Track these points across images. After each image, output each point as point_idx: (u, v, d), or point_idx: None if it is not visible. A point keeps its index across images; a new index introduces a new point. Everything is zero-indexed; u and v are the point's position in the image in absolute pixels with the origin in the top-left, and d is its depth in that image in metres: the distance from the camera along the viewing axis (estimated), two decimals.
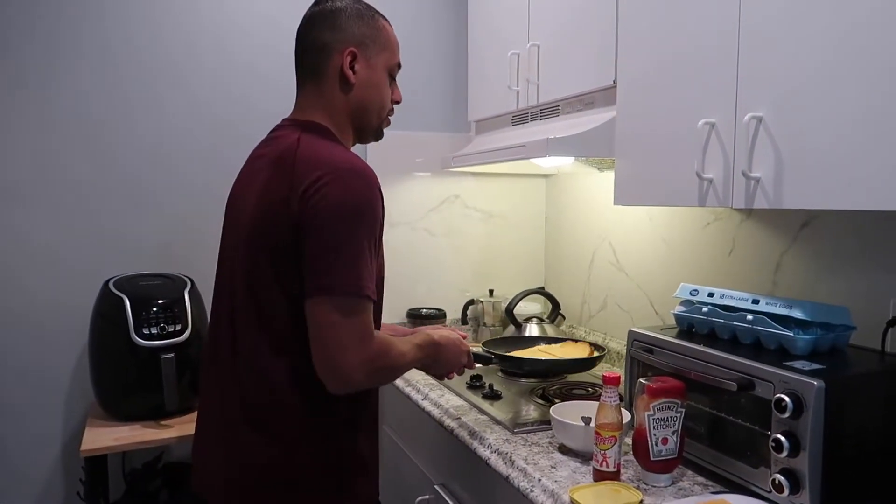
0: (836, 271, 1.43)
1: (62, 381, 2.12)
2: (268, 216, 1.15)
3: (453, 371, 1.44)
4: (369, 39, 1.28)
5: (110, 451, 1.78)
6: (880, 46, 0.96)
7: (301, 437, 1.18)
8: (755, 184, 1.17)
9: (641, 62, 1.47)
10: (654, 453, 1.24)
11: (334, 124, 1.27)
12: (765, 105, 1.15)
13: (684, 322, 1.45)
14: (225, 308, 1.24)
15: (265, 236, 1.15)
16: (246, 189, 1.25)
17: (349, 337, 1.11)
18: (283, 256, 1.13)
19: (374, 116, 1.32)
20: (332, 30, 1.25)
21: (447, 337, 1.40)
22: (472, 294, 2.52)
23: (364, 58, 1.27)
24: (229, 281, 1.24)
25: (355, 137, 1.34)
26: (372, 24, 1.29)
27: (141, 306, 1.87)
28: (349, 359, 1.11)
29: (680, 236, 1.89)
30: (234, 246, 1.24)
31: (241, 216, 1.22)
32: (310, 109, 1.28)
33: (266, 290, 1.16)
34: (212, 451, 1.24)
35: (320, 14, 1.27)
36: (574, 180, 2.42)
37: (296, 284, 1.13)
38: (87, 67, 2.08)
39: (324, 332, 1.11)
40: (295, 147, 1.18)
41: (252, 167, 1.28)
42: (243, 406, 1.18)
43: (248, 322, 1.18)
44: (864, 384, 1.15)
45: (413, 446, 1.99)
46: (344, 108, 1.28)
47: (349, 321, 1.11)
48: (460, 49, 2.48)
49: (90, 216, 2.11)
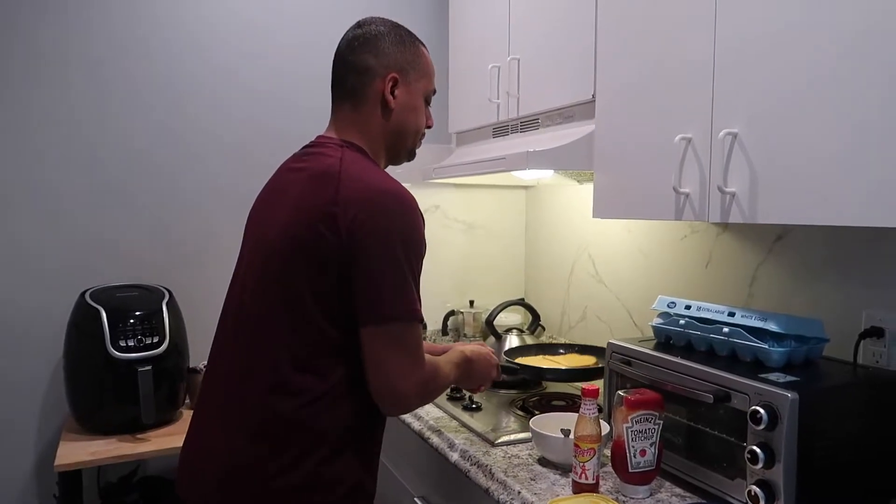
0: (809, 284, 1.46)
1: (36, 394, 2.09)
2: (310, 231, 1.13)
3: (484, 384, 1.50)
4: (410, 66, 1.29)
5: (85, 465, 1.75)
6: (852, 67, 0.99)
7: (306, 455, 1.15)
8: (730, 198, 1.19)
9: (620, 77, 1.49)
10: (633, 465, 1.25)
11: (369, 146, 1.28)
12: (739, 121, 1.18)
13: (662, 334, 1.46)
14: (246, 316, 1.22)
15: (305, 251, 1.14)
16: (277, 201, 1.23)
17: (406, 364, 1.15)
18: (323, 274, 1.13)
19: (409, 140, 1.34)
20: (375, 54, 1.27)
21: (478, 352, 1.45)
22: (452, 305, 2.52)
23: (405, 83, 1.28)
24: (254, 292, 1.21)
25: (388, 160, 1.35)
26: (413, 51, 1.31)
27: (118, 318, 1.85)
28: (406, 384, 1.15)
29: (658, 249, 1.91)
30: (262, 258, 1.21)
31: (270, 229, 1.20)
32: (347, 130, 1.28)
33: (299, 304, 1.14)
34: (207, 458, 1.21)
35: (363, 37, 1.28)
36: (554, 192, 2.44)
37: (332, 304, 1.14)
38: (67, 73, 2.06)
39: (381, 360, 1.14)
40: (338, 166, 1.17)
41: (285, 179, 1.27)
42: (251, 417, 1.16)
43: (278, 335, 1.16)
44: (837, 396, 1.17)
45: (393, 458, 1.98)
46: (381, 132, 1.29)
47: (405, 348, 1.15)
48: (441, 61, 2.49)
49: (67, 225, 2.09)
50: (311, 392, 1.15)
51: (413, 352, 1.16)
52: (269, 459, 1.14)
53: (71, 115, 2.08)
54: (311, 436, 1.15)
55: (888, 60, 0.94)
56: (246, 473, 1.15)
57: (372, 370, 1.15)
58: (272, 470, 1.14)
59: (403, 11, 2.48)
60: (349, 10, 2.38)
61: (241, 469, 1.15)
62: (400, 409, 1.21)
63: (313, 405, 1.15)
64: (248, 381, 1.17)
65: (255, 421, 1.16)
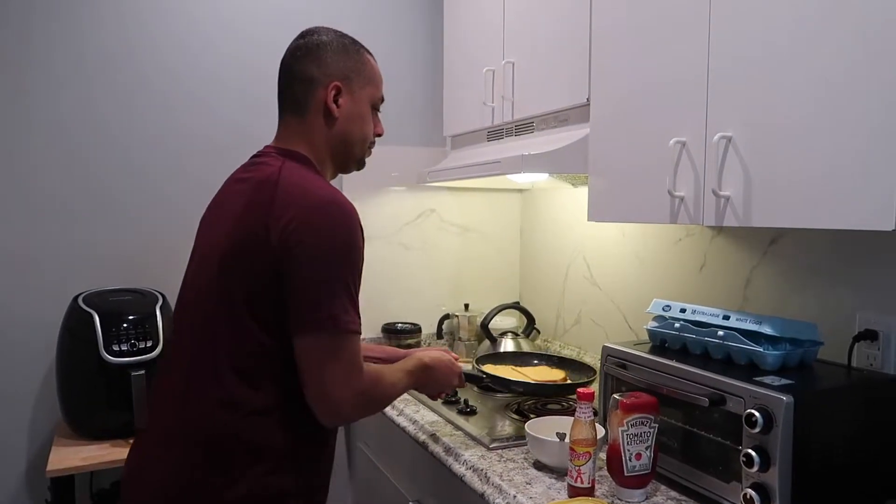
0: (803, 287, 1.47)
1: (28, 399, 2.07)
2: (246, 244, 1.14)
3: (445, 391, 1.49)
4: (354, 73, 1.29)
5: (78, 471, 1.74)
6: (846, 72, 0.99)
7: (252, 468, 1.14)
8: (725, 202, 1.20)
9: (614, 81, 1.49)
10: (628, 468, 1.24)
11: (315, 156, 1.28)
12: (734, 125, 1.18)
13: (657, 337, 1.46)
14: (191, 331, 1.21)
15: (241, 264, 1.14)
16: (222, 212, 1.23)
17: (339, 373, 1.13)
18: (259, 287, 1.13)
19: (356, 149, 1.33)
20: (317, 64, 1.26)
21: (438, 359, 1.44)
22: (447, 308, 2.52)
23: (348, 91, 1.28)
24: (195, 304, 1.21)
25: (336, 169, 1.35)
26: (357, 59, 1.30)
27: (111, 322, 1.84)
28: (340, 393, 1.13)
29: (652, 252, 1.91)
30: (206, 269, 1.21)
31: (216, 240, 1.21)
32: (292, 139, 1.28)
33: (238, 316, 1.14)
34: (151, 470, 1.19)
35: (305, 47, 1.28)
36: (549, 195, 2.44)
37: (270, 316, 1.13)
38: (59, 77, 2.05)
39: (314, 369, 1.13)
40: (277, 175, 1.17)
41: (231, 190, 1.26)
42: (196, 430, 1.15)
43: (221, 349, 1.15)
44: (831, 399, 1.17)
45: (388, 462, 1.97)
46: (326, 141, 1.28)
47: (338, 357, 1.13)
48: (436, 64, 2.50)
49: (59, 229, 2.07)
50: (254, 404, 1.14)
51: (347, 361, 1.14)
52: (214, 473, 1.13)
53: (60, 119, 2.06)
54: (256, 448, 1.14)
55: (884, 66, 0.94)
56: (191, 487, 1.13)
57: (306, 379, 1.13)
58: (218, 483, 1.12)
59: (397, 16, 2.48)
60: (341, 15, 2.38)
61: (186, 483, 1.13)
62: (337, 419, 1.18)
63: (258, 417, 1.14)
64: (193, 394, 1.16)
65: (201, 433, 1.14)
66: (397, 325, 2.42)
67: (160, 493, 1.16)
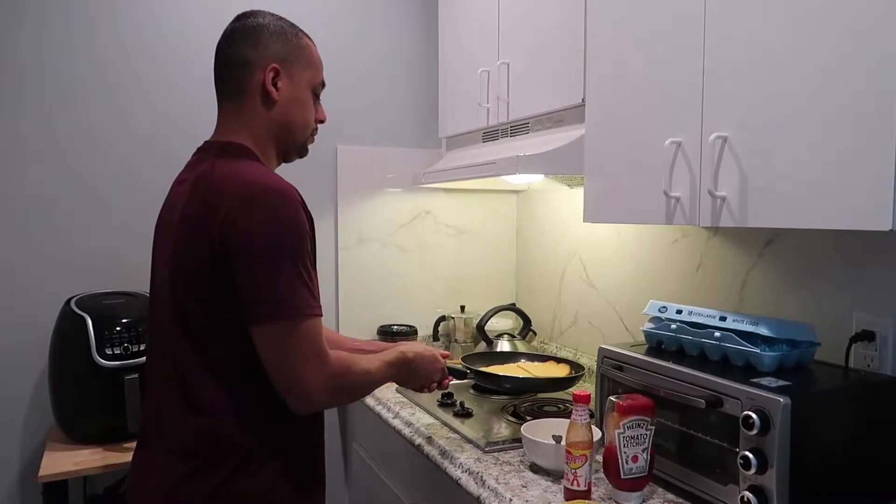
0: (800, 287, 1.46)
1: (20, 404, 2.05)
2: (188, 244, 1.12)
3: (425, 387, 1.45)
4: (293, 56, 1.26)
5: (70, 475, 1.72)
6: (842, 72, 0.99)
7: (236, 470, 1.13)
8: (721, 202, 1.19)
9: (609, 81, 1.49)
10: (625, 471, 1.24)
11: (256, 144, 1.24)
12: (730, 125, 1.17)
13: (653, 339, 1.46)
14: (157, 337, 1.21)
15: (187, 265, 1.13)
16: (168, 217, 1.22)
17: (302, 357, 1.10)
18: (206, 284, 1.11)
19: (298, 135, 1.29)
20: (254, 46, 1.23)
21: (420, 354, 1.41)
22: (443, 310, 2.51)
23: (287, 74, 1.25)
24: (156, 311, 1.21)
25: (279, 157, 1.31)
26: (295, 42, 1.27)
27: (103, 325, 1.82)
28: (308, 378, 1.10)
29: (648, 253, 1.91)
30: (161, 276, 1.20)
31: (166, 245, 1.20)
32: (231, 130, 1.24)
33: (193, 320, 1.13)
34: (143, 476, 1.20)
35: (241, 30, 1.25)
36: (544, 196, 2.44)
37: (223, 312, 1.11)
38: (45, 79, 2.04)
39: (276, 357, 1.10)
40: (210, 170, 1.15)
41: (174, 192, 1.25)
42: (173, 437, 1.14)
43: (182, 353, 1.14)
44: (829, 400, 1.16)
45: (383, 465, 1.96)
46: (266, 127, 1.25)
47: (298, 342, 1.10)
48: (431, 66, 2.49)
49: (50, 232, 2.06)
50: (225, 406, 1.12)
51: (308, 346, 1.10)
52: (198, 479, 1.11)
53: (48, 122, 2.04)
54: (235, 451, 1.12)
55: (878, 67, 0.94)
56: (178, 494, 1.12)
57: (270, 369, 1.10)
58: (205, 489, 1.11)
59: (392, 17, 2.47)
60: (335, 16, 2.37)
61: (174, 490, 1.13)
62: (307, 405, 1.14)
63: (231, 419, 1.13)
64: (167, 402, 1.16)
65: (179, 440, 1.14)
66: (393, 326, 2.41)
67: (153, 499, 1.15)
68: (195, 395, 1.13)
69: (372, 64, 2.45)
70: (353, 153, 2.41)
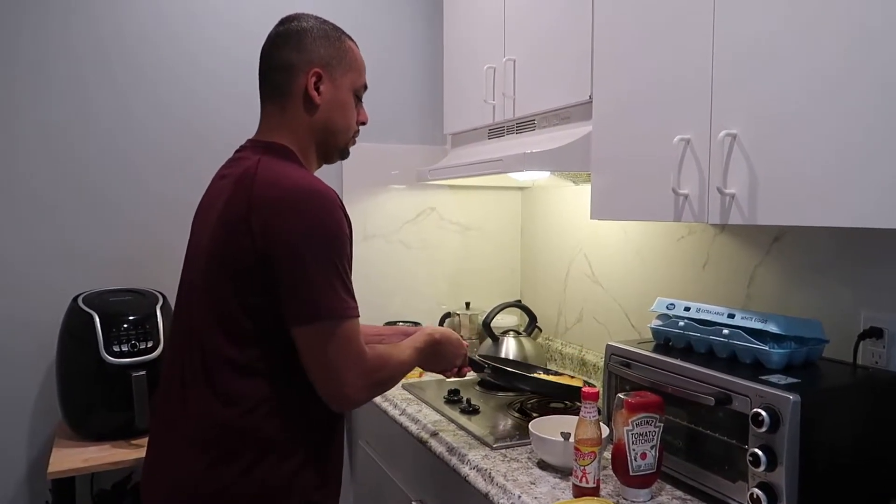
0: (807, 284, 1.46)
1: (28, 401, 2.06)
2: (229, 240, 1.14)
3: (447, 369, 1.49)
4: (335, 60, 1.27)
5: (78, 472, 1.73)
6: (851, 69, 0.99)
7: (257, 463, 1.14)
8: (730, 199, 1.19)
9: (617, 78, 1.48)
10: (634, 468, 1.24)
11: (298, 146, 1.26)
12: (739, 122, 1.17)
13: (661, 336, 1.46)
14: (186, 328, 1.21)
15: (226, 260, 1.14)
16: (208, 210, 1.23)
17: (343, 358, 1.13)
18: (246, 281, 1.12)
19: (339, 137, 1.32)
20: (297, 50, 1.24)
21: (447, 335, 1.45)
22: (448, 307, 2.51)
23: (329, 79, 1.26)
24: (189, 303, 1.22)
25: (321, 159, 1.33)
26: (338, 45, 1.28)
27: (111, 323, 1.83)
28: (349, 378, 1.14)
29: (654, 250, 1.91)
30: (196, 269, 1.21)
31: (203, 239, 1.21)
32: (273, 130, 1.26)
33: (230, 315, 1.14)
34: (162, 468, 1.20)
35: (285, 34, 1.26)
36: (550, 193, 2.43)
37: (261, 309, 1.13)
38: (50, 75, 2.03)
39: (317, 358, 1.13)
40: (254, 169, 1.16)
41: (215, 187, 1.26)
42: (198, 428, 1.15)
43: (214, 346, 1.15)
44: (838, 397, 1.17)
45: (390, 462, 1.97)
46: (308, 130, 1.26)
47: (339, 343, 1.13)
48: (436, 62, 2.48)
49: (56, 230, 2.06)
50: (253, 399, 1.14)
51: (349, 346, 1.14)
52: (225, 468, 1.13)
53: (54, 119, 2.04)
54: (258, 443, 1.14)
55: (887, 63, 0.94)
56: (204, 484, 1.13)
57: (311, 369, 1.14)
58: (231, 477, 1.13)
59: (397, 13, 2.47)
60: (340, 12, 2.36)
61: (198, 481, 1.13)
62: (346, 404, 1.20)
63: (258, 412, 1.14)
64: (193, 393, 1.17)
65: (202, 432, 1.15)
66: (398, 323, 2.41)
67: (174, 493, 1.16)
68: (224, 387, 1.14)
69: (377, 61, 2.43)
70: (358, 150, 2.35)
